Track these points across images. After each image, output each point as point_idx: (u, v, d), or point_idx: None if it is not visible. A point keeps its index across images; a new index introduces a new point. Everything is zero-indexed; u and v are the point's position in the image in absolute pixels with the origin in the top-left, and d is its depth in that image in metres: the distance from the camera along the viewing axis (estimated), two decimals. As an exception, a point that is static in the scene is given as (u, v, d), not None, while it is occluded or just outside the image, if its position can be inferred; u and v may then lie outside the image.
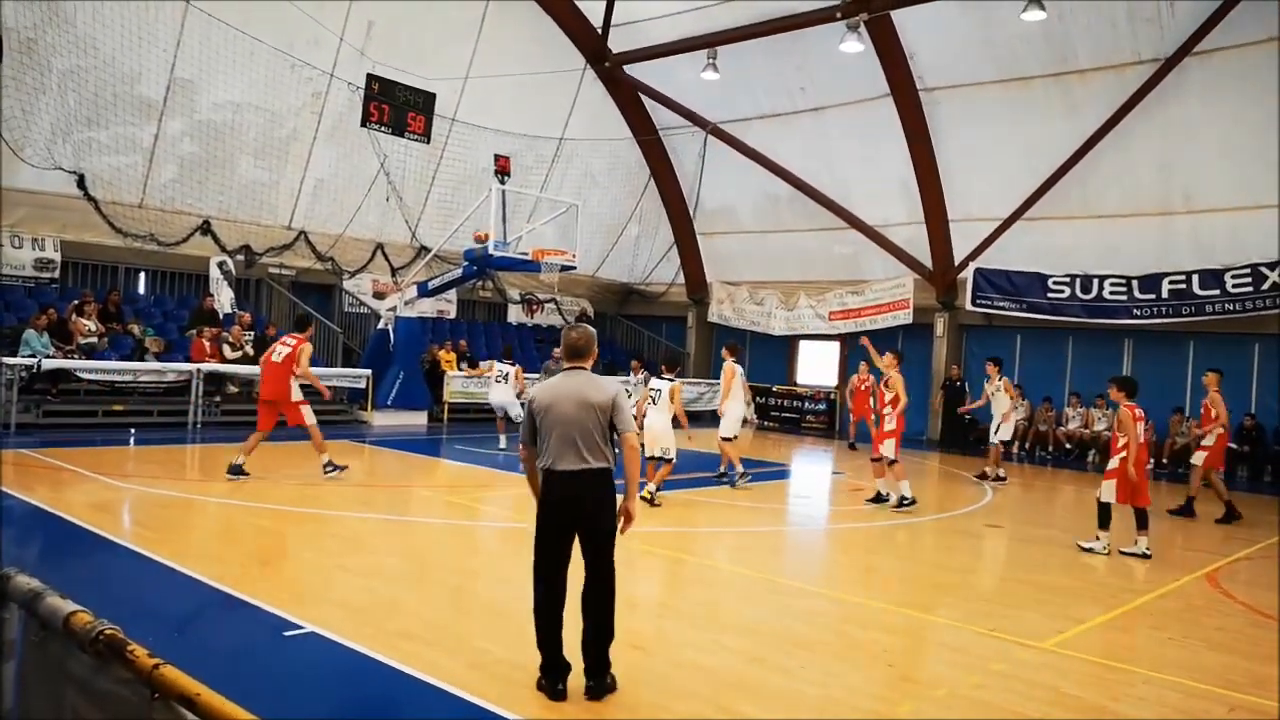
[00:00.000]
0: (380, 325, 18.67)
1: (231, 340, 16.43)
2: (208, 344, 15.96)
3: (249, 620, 5.63)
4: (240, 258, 18.13)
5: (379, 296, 20.05)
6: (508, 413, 14.76)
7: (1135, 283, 17.36)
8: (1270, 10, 14.43)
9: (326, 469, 10.83)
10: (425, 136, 19.13)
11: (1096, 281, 17.82)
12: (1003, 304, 19.15)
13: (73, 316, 15.03)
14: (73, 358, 14.40)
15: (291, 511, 9.08)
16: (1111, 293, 17.65)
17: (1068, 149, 17.36)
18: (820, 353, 23.53)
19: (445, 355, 19.50)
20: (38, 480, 9.64)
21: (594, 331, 5.03)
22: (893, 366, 11.19)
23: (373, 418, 17.40)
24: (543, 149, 21.48)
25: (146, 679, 1.94)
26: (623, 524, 4.79)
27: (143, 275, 18.08)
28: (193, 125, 16.97)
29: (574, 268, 18.41)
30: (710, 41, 18.95)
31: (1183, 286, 16.80)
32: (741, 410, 12.49)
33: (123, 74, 15.72)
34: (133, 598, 6.05)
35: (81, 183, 15.91)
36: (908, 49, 17.86)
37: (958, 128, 18.35)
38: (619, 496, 4.78)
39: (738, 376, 12.13)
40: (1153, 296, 17.17)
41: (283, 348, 10.81)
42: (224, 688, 1.89)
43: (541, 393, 4.80)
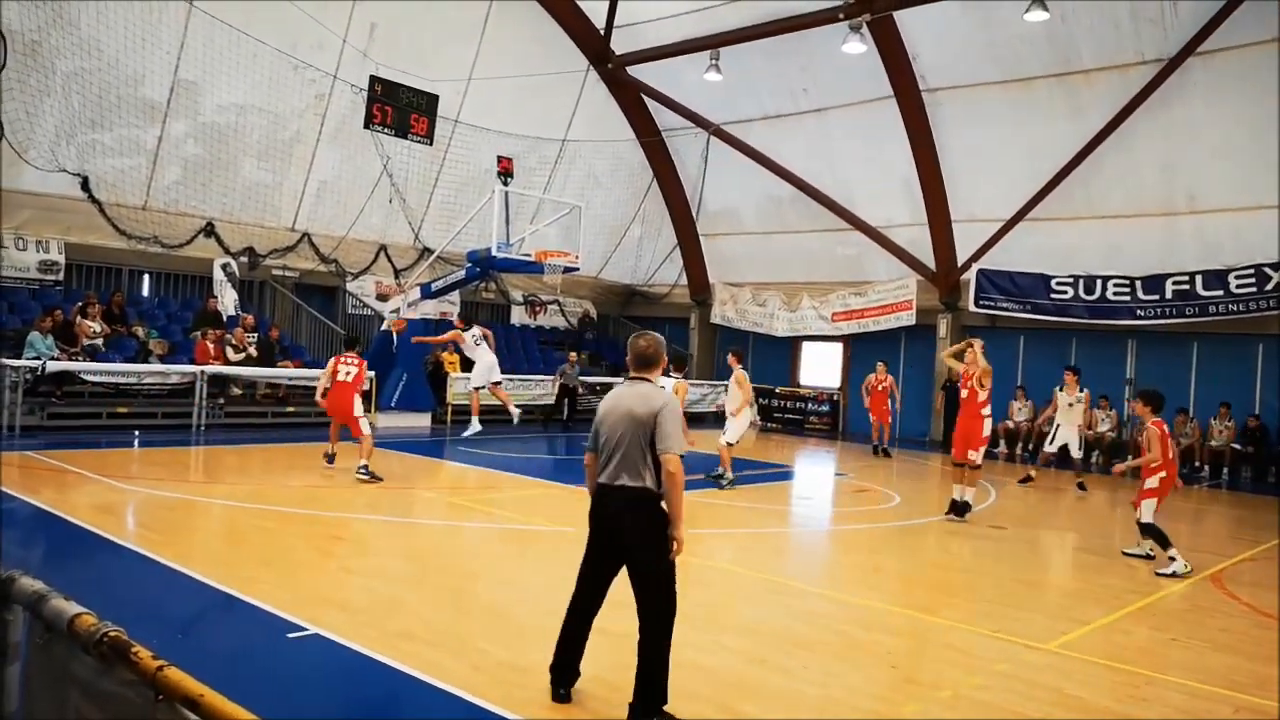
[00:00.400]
0: (383, 327, 18.68)
1: (235, 342, 16.45)
2: (211, 346, 15.99)
3: (252, 622, 5.64)
4: (244, 259, 18.16)
5: (382, 298, 20.07)
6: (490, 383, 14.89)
7: (1139, 283, 17.33)
8: (1273, 10, 14.41)
9: (360, 471, 11.18)
10: (428, 138, 19.16)
11: (1100, 282, 17.80)
12: (1006, 305, 19.13)
13: (77, 319, 15.06)
14: (77, 360, 14.43)
15: (294, 513, 9.10)
16: (1115, 293, 17.63)
17: (1071, 149, 17.34)
18: (823, 354, 23.51)
19: (448, 357, 19.51)
20: (42, 482, 9.66)
21: (662, 340, 4.74)
22: (985, 373, 10.69)
23: (376, 419, 17.37)
24: (546, 150, 21.50)
25: (150, 681, 1.95)
26: (672, 550, 4.42)
27: (146, 277, 18.12)
28: (196, 127, 17.01)
29: (577, 269, 18.40)
30: (713, 43, 18.95)
31: (1186, 287, 16.78)
32: (749, 417, 12.58)
33: (126, 76, 15.76)
34: (137, 600, 6.06)
35: (85, 185, 15.96)
36: (910, 50, 17.85)
37: (961, 128, 18.34)
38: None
39: (748, 386, 12.42)
40: (1156, 297, 17.14)
41: (347, 367, 11.70)
42: (227, 689, 1.89)
43: (605, 399, 4.64)
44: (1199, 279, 16.64)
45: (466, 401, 19.04)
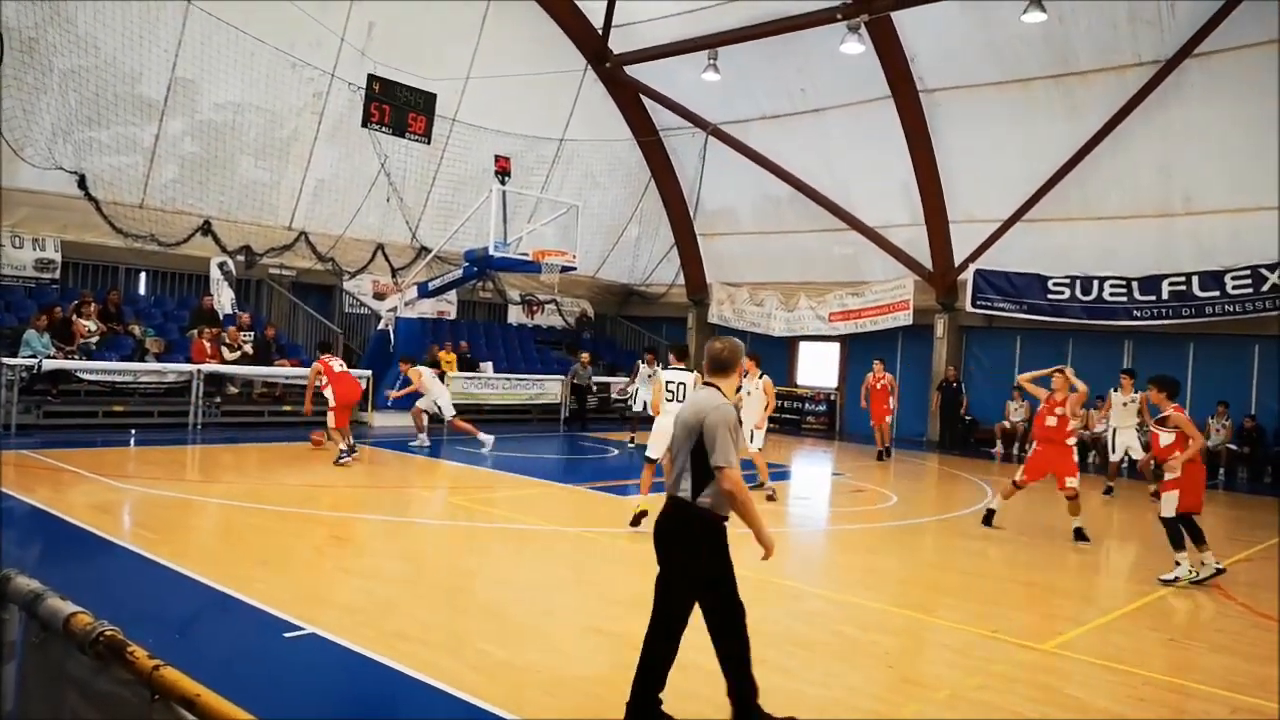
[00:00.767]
0: (380, 326, 18.67)
1: (229, 341, 16.42)
2: (208, 344, 15.96)
3: (249, 621, 5.63)
4: (241, 258, 18.13)
5: (379, 297, 20.05)
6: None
7: (1135, 284, 17.35)
8: (1270, 12, 14.43)
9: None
10: (426, 137, 19.14)
11: (1096, 283, 17.81)
12: (1003, 305, 19.14)
13: (73, 317, 15.03)
14: (73, 358, 14.40)
15: (291, 512, 9.08)
16: (1111, 294, 17.65)
17: (1068, 150, 17.35)
18: (820, 354, 23.52)
19: (446, 356, 19.49)
20: (38, 481, 9.64)
21: (740, 344, 4.47)
22: (1080, 398, 10.20)
23: (373, 419, 17.40)
24: (543, 150, 21.49)
25: (146, 680, 1.94)
26: (763, 555, 4.31)
27: (143, 275, 18.08)
28: (194, 125, 16.98)
29: (574, 269, 18.41)
30: (711, 42, 18.95)
31: (1183, 288, 16.80)
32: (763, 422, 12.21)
33: (124, 74, 15.73)
34: (133, 599, 6.04)
35: (82, 183, 15.92)
36: (908, 50, 17.86)
37: (958, 129, 18.35)
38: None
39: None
40: (1153, 298, 17.16)
41: (340, 363, 13.35)
42: (224, 689, 1.88)
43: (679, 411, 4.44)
44: (1195, 280, 16.66)
45: (464, 401, 19.04)
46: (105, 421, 14.49)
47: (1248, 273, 16.07)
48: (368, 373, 17.56)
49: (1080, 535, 9.68)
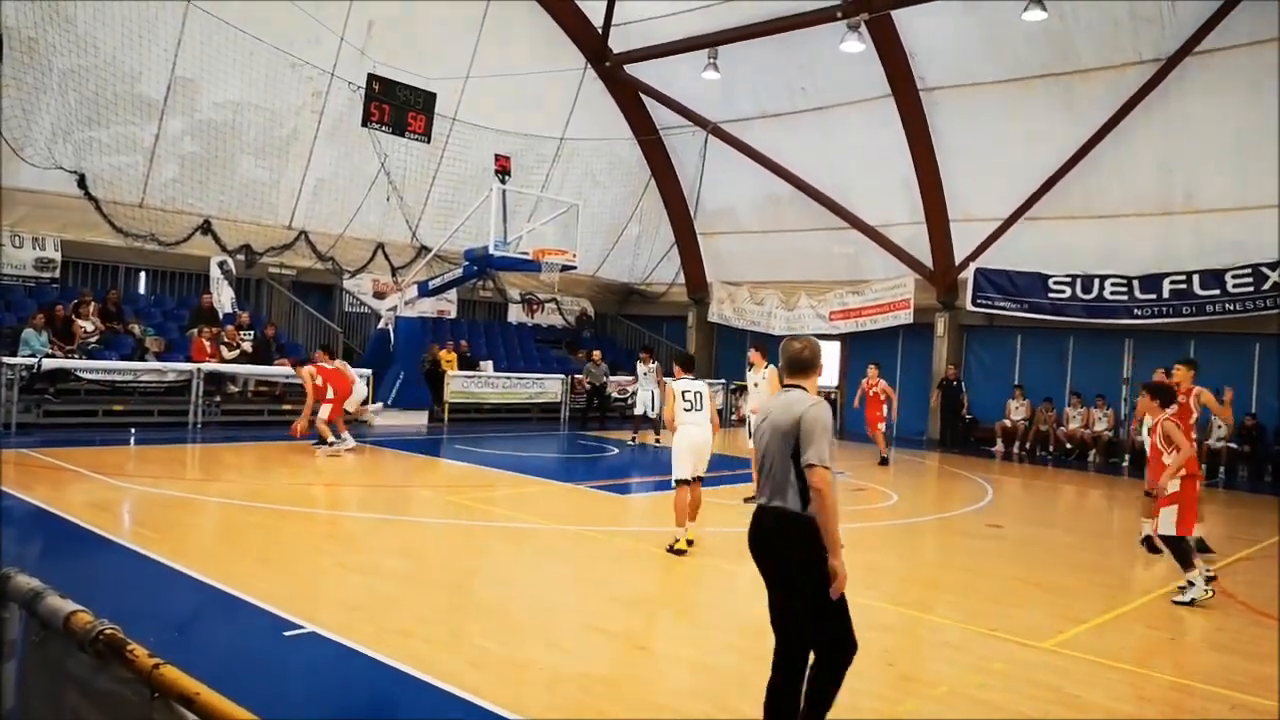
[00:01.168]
0: (380, 325, 18.67)
1: (227, 340, 16.42)
2: (208, 343, 15.96)
3: (249, 620, 5.63)
4: (240, 257, 18.13)
5: (379, 296, 20.05)
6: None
7: (1136, 283, 17.35)
8: (1269, 11, 14.42)
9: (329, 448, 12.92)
10: (426, 136, 19.13)
11: (1097, 281, 17.81)
12: (1003, 304, 19.14)
13: (73, 316, 15.03)
14: (74, 358, 14.40)
15: (291, 511, 9.08)
16: (1112, 293, 17.64)
17: (1069, 149, 17.35)
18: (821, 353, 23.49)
19: (446, 355, 19.50)
20: (38, 480, 9.64)
21: (818, 344, 4.24)
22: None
23: (373, 418, 17.40)
24: (543, 149, 21.48)
25: (146, 679, 1.94)
26: (834, 586, 3.86)
27: (143, 275, 18.09)
28: (193, 124, 16.98)
29: (574, 267, 18.41)
30: (711, 41, 18.94)
31: (1183, 286, 16.79)
32: None
33: (123, 73, 15.73)
34: (133, 597, 6.04)
35: (82, 182, 15.93)
36: (908, 49, 17.85)
37: (958, 127, 18.34)
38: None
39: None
40: (1153, 296, 17.16)
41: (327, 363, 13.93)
42: (224, 687, 1.88)
43: (759, 416, 4.16)
44: (1196, 278, 16.65)
45: (464, 400, 19.10)
46: (105, 420, 14.49)
47: (1248, 271, 16.07)
48: (367, 372, 17.56)
49: (1201, 546, 8.89)
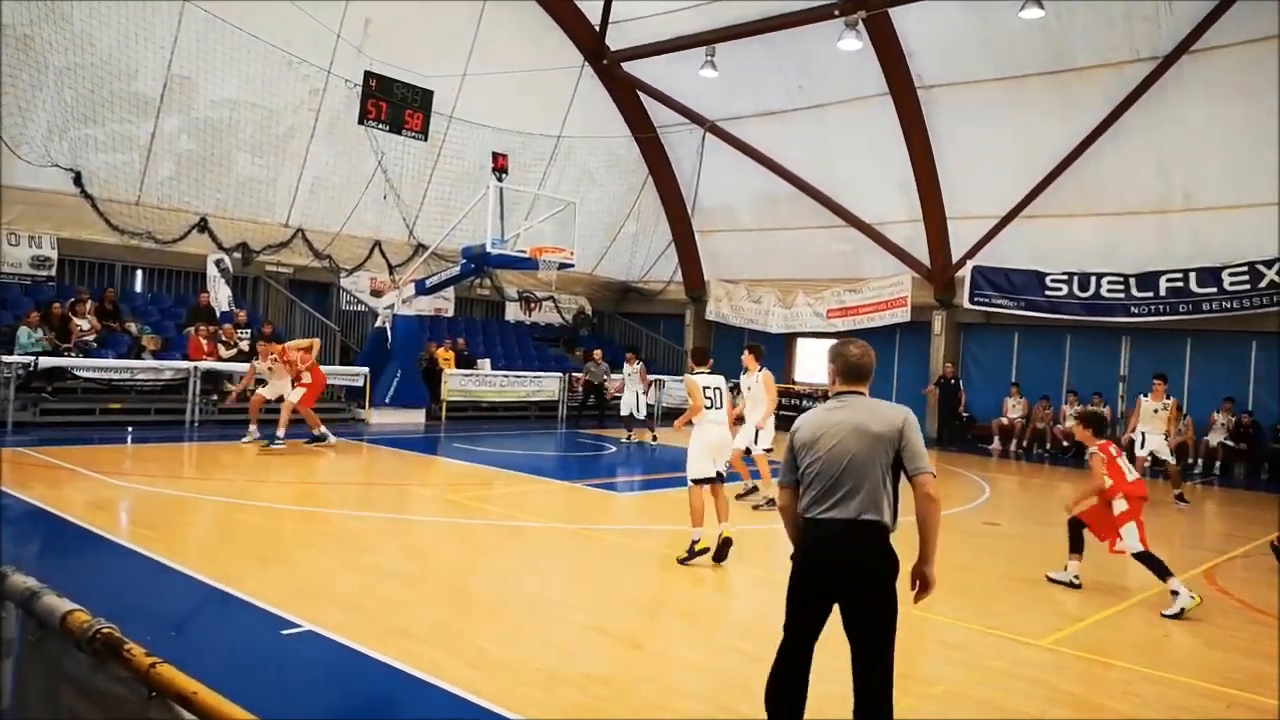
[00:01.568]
0: (378, 323, 18.65)
1: (224, 338, 16.39)
2: (205, 342, 15.93)
3: (246, 618, 5.62)
4: (237, 255, 18.10)
5: (376, 294, 20.02)
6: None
7: (1133, 281, 17.37)
8: (1266, 9, 14.44)
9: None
10: (423, 134, 19.10)
11: (1094, 279, 17.83)
12: (1000, 302, 19.16)
13: (69, 314, 15.01)
14: (69, 355, 14.37)
15: (289, 510, 9.08)
16: (1109, 291, 17.67)
17: (1066, 147, 17.36)
18: (818, 351, 23.51)
19: (443, 354, 19.49)
20: (34, 478, 9.62)
21: (872, 349, 4.03)
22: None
23: (371, 416, 17.39)
24: (540, 146, 21.46)
25: (143, 677, 1.93)
26: (917, 592, 3.90)
27: (139, 273, 18.05)
28: (190, 122, 16.94)
29: (572, 265, 18.39)
30: (708, 39, 18.93)
31: (1180, 284, 16.82)
32: (771, 424, 11.07)
33: (120, 71, 15.68)
34: (130, 596, 6.03)
35: (78, 180, 15.89)
36: (906, 47, 17.85)
37: (956, 126, 18.35)
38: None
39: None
40: (1150, 294, 17.18)
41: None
42: (221, 686, 1.88)
43: (806, 423, 3.85)
44: (1193, 276, 16.68)
45: (461, 399, 19.09)
46: (102, 419, 14.47)
47: (1245, 269, 16.10)
48: (365, 370, 17.56)
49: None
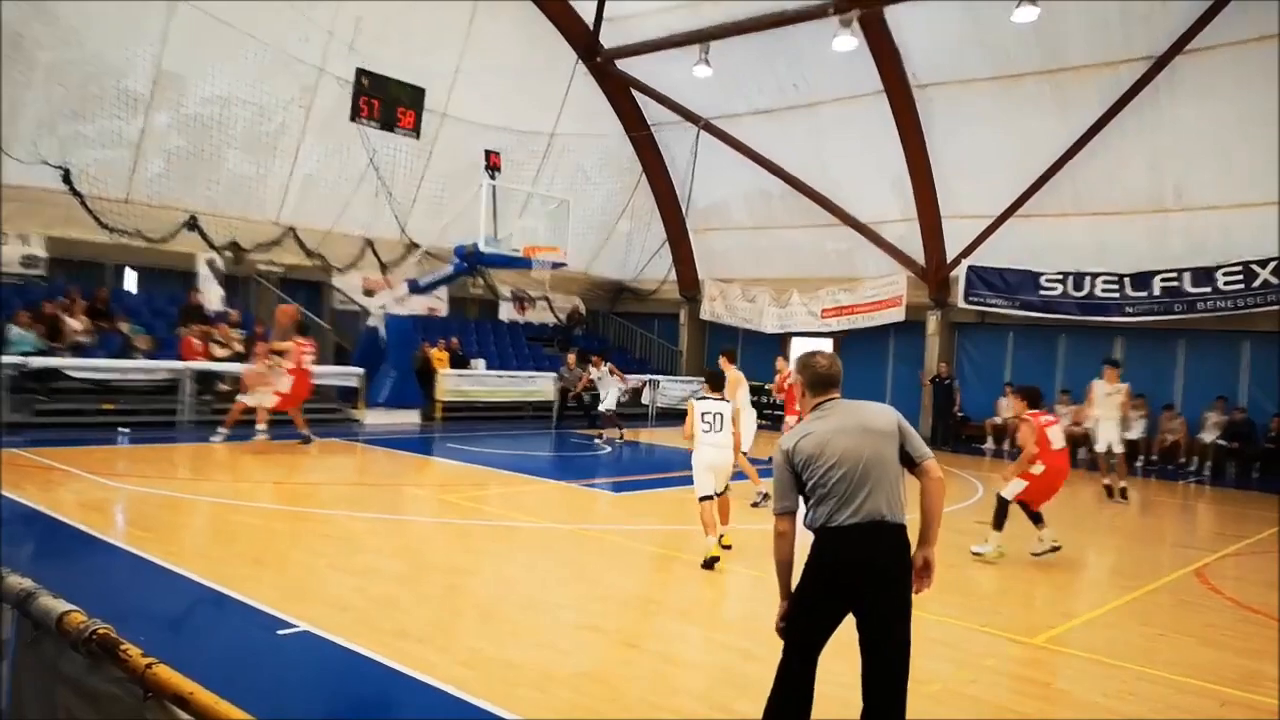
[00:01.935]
0: (371, 323, 18.61)
1: (220, 338, 16.35)
2: (198, 342, 15.87)
3: (242, 619, 5.61)
4: (228, 254, 18.03)
5: (369, 293, 19.96)
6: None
7: (1127, 280, 17.42)
8: (1260, 9, 14.48)
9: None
10: (415, 131, 19.02)
11: (1089, 279, 17.88)
12: (995, 301, 19.20)
13: (61, 315, 14.93)
14: (61, 355, 14.31)
15: (284, 510, 9.05)
16: (1103, 290, 17.72)
17: (1060, 146, 17.40)
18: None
19: (437, 353, 19.45)
20: (28, 479, 9.57)
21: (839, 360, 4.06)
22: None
23: (365, 416, 17.35)
24: (534, 144, 21.41)
25: (139, 678, 1.93)
26: (922, 583, 3.78)
27: (130, 272, 17.98)
28: (180, 119, 16.84)
29: (565, 264, 18.38)
30: (702, 37, 18.90)
31: (1174, 284, 16.88)
32: (752, 422, 11.43)
33: (109, 67, 15.60)
34: (125, 597, 6.01)
35: (67, 177, 15.78)
36: (901, 46, 17.86)
37: (951, 124, 18.37)
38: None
39: (745, 384, 11.06)
40: (1144, 294, 17.24)
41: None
42: (217, 687, 1.87)
43: (802, 439, 3.74)
44: (1187, 276, 16.73)
45: (455, 399, 19.05)
46: (94, 420, 14.40)
47: (1239, 269, 16.16)
48: (360, 370, 17.52)
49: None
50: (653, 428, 20.26)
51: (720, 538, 8.00)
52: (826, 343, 22.88)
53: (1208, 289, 16.49)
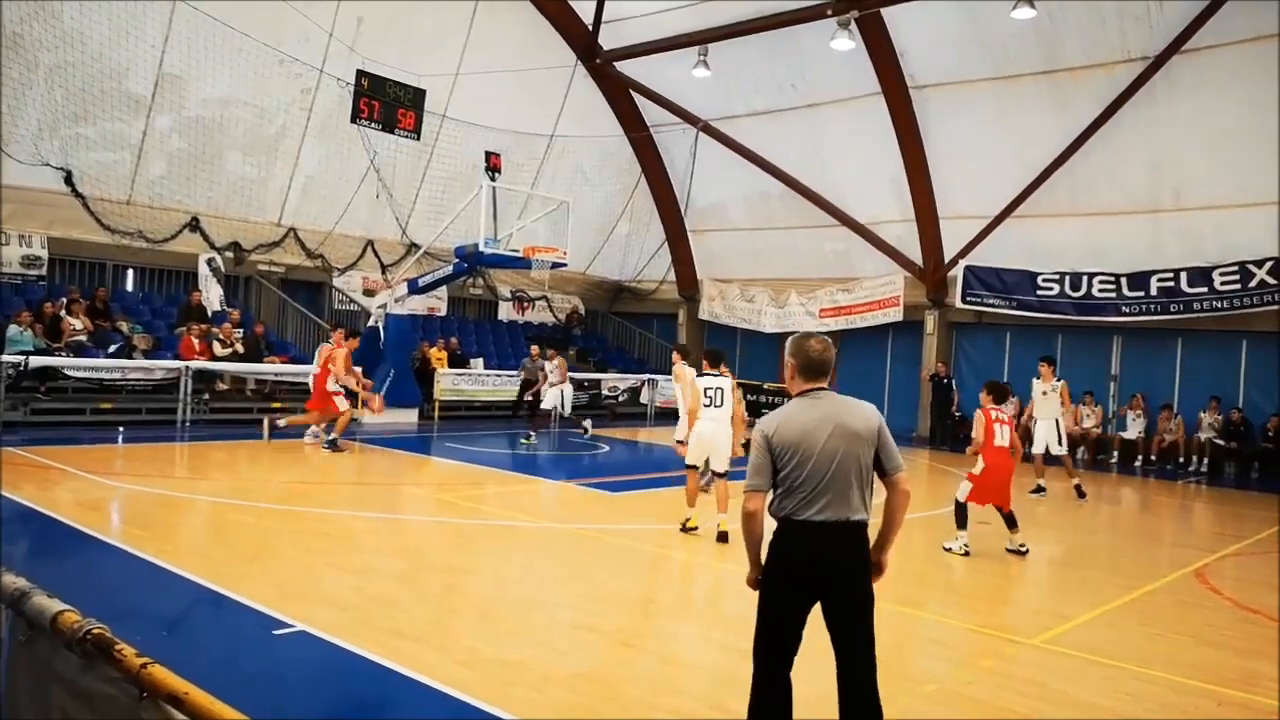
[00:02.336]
0: (370, 323, 18.61)
1: (222, 338, 16.35)
2: (197, 341, 15.87)
3: (238, 619, 5.60)
4: (229, 254, 18.04)
5: (369, 294, 19.98)
6: None
7: (1124, 280, 17.44)
8: (1257, 9, 14.50)
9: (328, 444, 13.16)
10: (415, 133, 19.05)
11: (1086, 279, 17.89)
12: (992, 301, 19.21)
13: (62, 314, 14.94)
14: (60, 355, 14.31)
15: (281, 509, 9.05)
16: (1100, 290, 17.73)
17: (1057, 146, 17.42)
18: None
19: (436, 353, 19.45)
20: (25, 478, 9.56)
21: (832, 345, 3.98)
22: None
23: (363, 415, 17.33)
24: (533, 145, 21.43)
25: (134, 678, 1.93)
26: (873, 580, 3.86)
27: (131, 272, 17.99)
28: (181, 121, 16.88)
29: (565, 265, 18.38)
30: (701, 38, 18.94)
31: (1171, 284, 16.89)
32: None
33: (110, 69, 15.62)
34: (121, 596, 6.01)
35: (69, 179, 15.82)
36: (898, 46, 17.88)
37: (948, 125, 18.39)
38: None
39: (689, 376, 11.11)
40: (1141, 294, 17.25)
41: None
42: (213, 687, 1.87)
43: (784, 424, 3.70)
44: (1184, 276, 16.75)
45: (454, 398, 19.05)
46: (92, 419, 14.40)
47: (1235, 269, 16.17)
48: (357, 369, 17.45)
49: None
50: (651, 427, 20.26)
51: (720, 524, 8.37)
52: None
53: (1204, 289, 16.51)
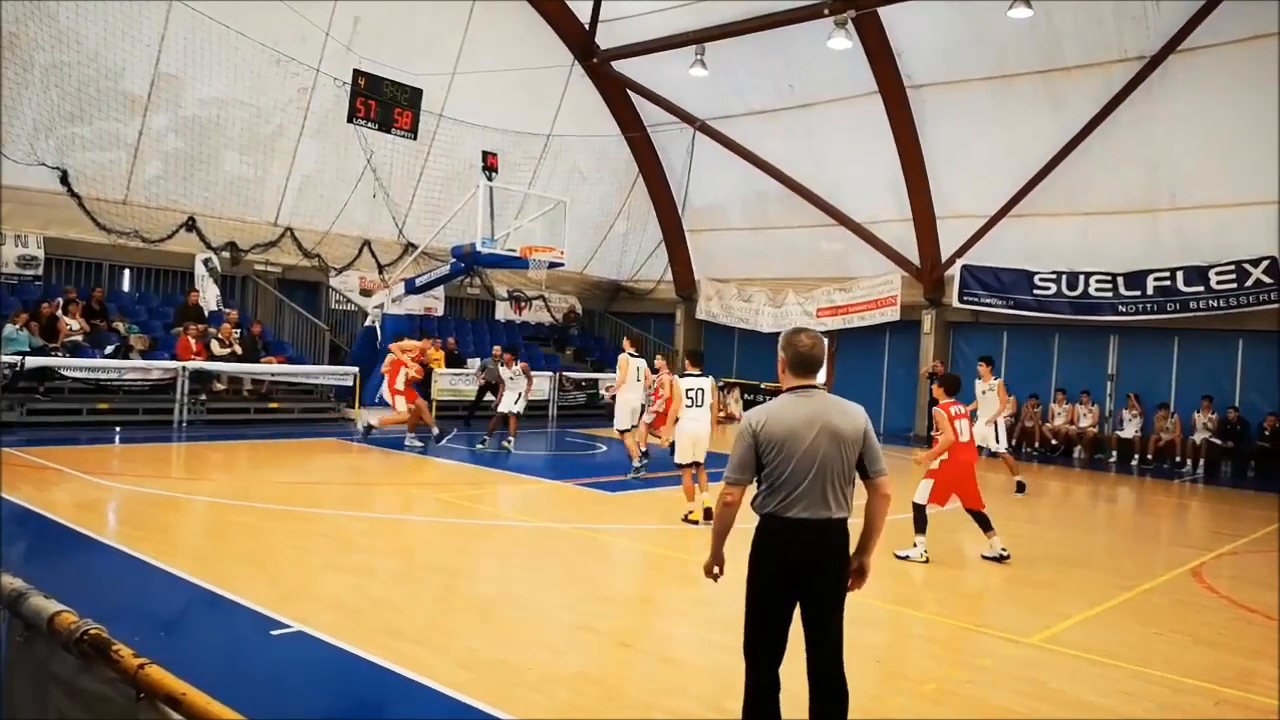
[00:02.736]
0: (367, 322, 18.60)
1: (221, 338, 16.33)
2: (193, 341, 15.85)
3: (235, 619, 5.60)
4: (225, 254, 18.02)
5: (366, 294, 19.97)
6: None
7: (1121, 279, 17.45)
8: (1253, 9, 14.52)
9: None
10: (412, 132, 19.04)
11: (1082, 278, 17.91)
12: (989, 301, 19.22)
13: (58, 314, 14.91)
14: (56, 355, 14.28)
15: (278, 510, 9.03)
16: (1097, 289, 17.75)
17: (1054, 146, 17.43)
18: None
19: (433, 353, 19.43)
20: (21, 479, 9.54)
21: (823, 340, 3.97)
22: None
23: (360, 415, 17.32)
24: (530, 145, 21.42)
25: (131, 679, 1.92)
26: (854, 582, 3.88)
27: (127, 272, 17.95)
28: (177, 121, 16.84)
29: (562, 264, 18.37)
30: (698, 38, 18.93)
31: (1168, 283, 16.91)
32: (637, 401, 12.66)
33: (107, 69, 15.59)
34: (118, 597, 6.00)
35: (65, 179, 15.77)
36: (895, 46, 17.89)
37: (945, 125, 18.40)
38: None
39: (631, 367, 12.62)
40: (1138, 293, 17.27)
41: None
42: (210, 687, 1.87)
43: (769, 420, 3.70)
44: (1180, 275, 16.77)
45: (451, 398, 19.04)
46: (89, 419, 14.37)
47: (1232, 268, 16.19)
48: (354, 369, 17.50)
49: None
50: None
51: (703, 502, 9.09)
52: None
53: (1201, 288, 16.53)
